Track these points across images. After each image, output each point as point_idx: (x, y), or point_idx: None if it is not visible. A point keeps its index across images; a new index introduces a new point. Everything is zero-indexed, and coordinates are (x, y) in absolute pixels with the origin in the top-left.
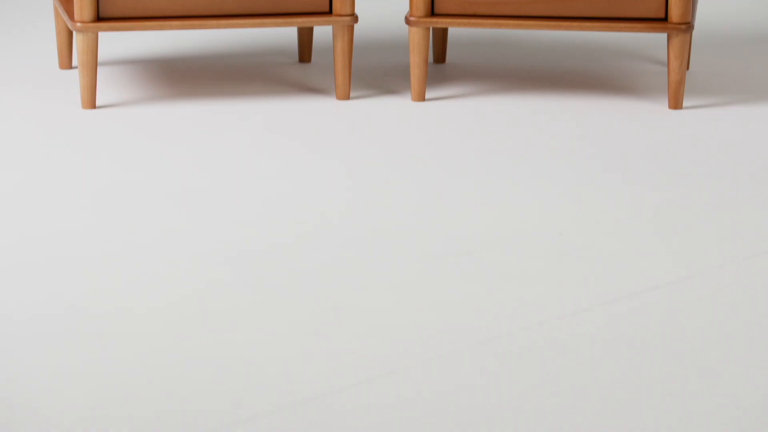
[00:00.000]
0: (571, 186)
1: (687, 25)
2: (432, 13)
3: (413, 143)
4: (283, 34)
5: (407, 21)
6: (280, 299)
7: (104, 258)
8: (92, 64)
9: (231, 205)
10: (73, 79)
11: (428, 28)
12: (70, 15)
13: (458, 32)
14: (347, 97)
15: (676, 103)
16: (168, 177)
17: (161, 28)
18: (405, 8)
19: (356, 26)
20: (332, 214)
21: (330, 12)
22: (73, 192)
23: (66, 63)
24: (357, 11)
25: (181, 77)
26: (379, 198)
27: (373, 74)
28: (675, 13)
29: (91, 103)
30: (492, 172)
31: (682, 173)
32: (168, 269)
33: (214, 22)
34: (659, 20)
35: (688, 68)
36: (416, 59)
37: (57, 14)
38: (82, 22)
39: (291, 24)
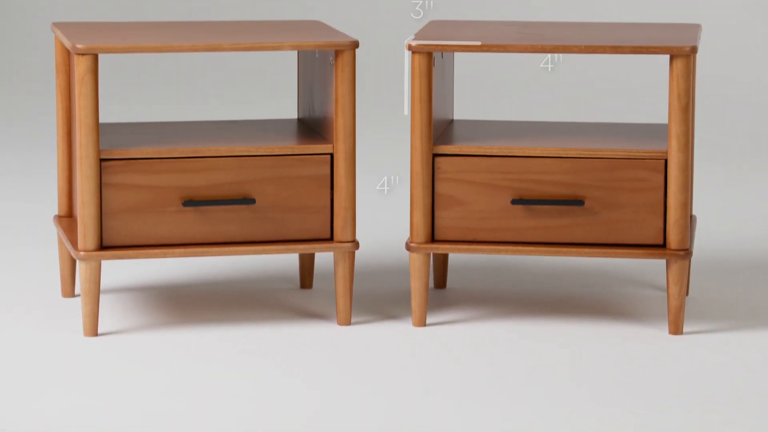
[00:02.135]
0: (570, 414)
1: (686, 252)
2: (432, 239)
3: (411, 371)
4: (285, 260)
5: (408, 247)
6: None
7: None
8: (95, 292)
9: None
10: (76, 307)
11: (429, 254)
12: (74, 244)
13: (458, 258)
14: (348, 323)
15: (676, 329)
16: (151, 404)
17: (164, 255)
18: (405, 234)
19: (357, 252)
20: None
21: (331, 239)
22: (52, 416)
23: (69, 291)
24: (358, 237)
25: (183, 304)
26: (369, 427)
27: (375, 299)
28: (673, 239)
29: (93, 330)
30: (489, 400)
31: (683, 400)
32: None
33: (216, 249)
34: (658, 246)
35: (687, 294)
36: (417, 285)
37: (60, 243)
38: (85, 250)
39: (292, 251)
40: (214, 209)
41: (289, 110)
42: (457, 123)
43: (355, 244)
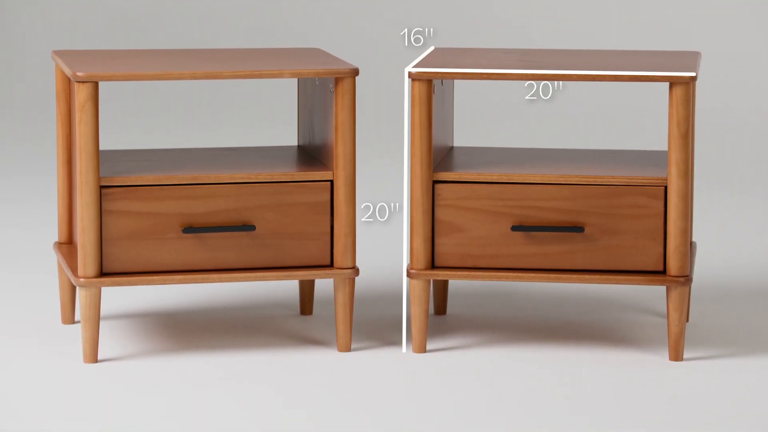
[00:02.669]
0: None
1: (686, 278)
2: (432, 265)
3: (411, 397)
4: (285, 287)
5: (408, 273)
6: None
7: None
8: (95, 319)
9: None
10: (76, 333)
11: (429, 281)
12: (74, 270)
13: (459, 284)
14: (348, 349)
15: (676, 355)
16: (150, 431)
17: (164, 282)
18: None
19: (357, 278)
20: None
21: (331, 265)
22: None
23: (69, 318)
24: (358, 263)
25: (183, 330)
26: None
27: (375, 325)
28: (673, 266)
29: (93, 357)
30: (490, 427)
31: (684, 427)
32: None
33: (216, 275)
34: (658, 273)
35: (688, 320)
36: (417, 311)
37: (60, 269)
38: (85, 277)
39: (292, 277)
40: (214, 236)
41: (289, 137)
42: (457, 150)
43: (355, 271)
